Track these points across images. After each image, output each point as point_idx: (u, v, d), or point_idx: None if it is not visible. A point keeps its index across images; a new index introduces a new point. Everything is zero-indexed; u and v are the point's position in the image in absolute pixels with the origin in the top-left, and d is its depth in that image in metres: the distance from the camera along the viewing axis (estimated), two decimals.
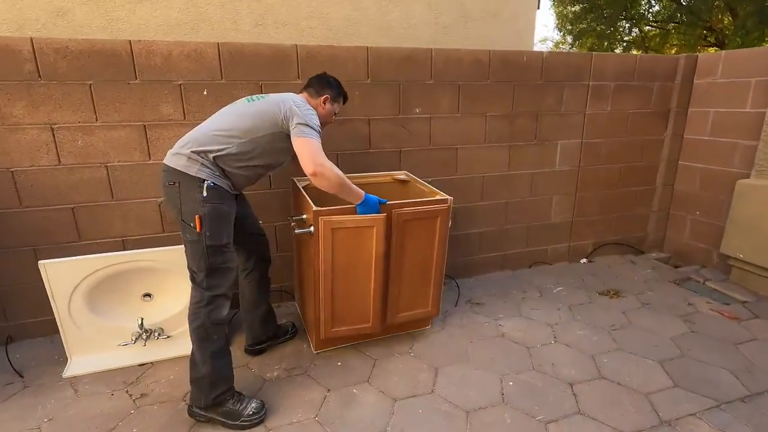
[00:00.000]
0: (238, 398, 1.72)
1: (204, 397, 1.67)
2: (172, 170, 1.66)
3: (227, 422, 1.68)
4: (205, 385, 1.66)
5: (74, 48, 2.02)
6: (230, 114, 1.78)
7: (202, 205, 1.63)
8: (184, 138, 1.73)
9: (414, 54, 2.55)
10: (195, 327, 1.66)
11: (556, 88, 2.93)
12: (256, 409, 1.71)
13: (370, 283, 2.03)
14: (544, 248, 3.26)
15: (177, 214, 1.68)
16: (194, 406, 1.71)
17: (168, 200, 1.72)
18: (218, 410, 1.68)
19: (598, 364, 2.07)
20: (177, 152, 1.68)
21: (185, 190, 1.64)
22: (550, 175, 3.10)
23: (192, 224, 1.63)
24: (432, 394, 1.87)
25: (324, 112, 1.94)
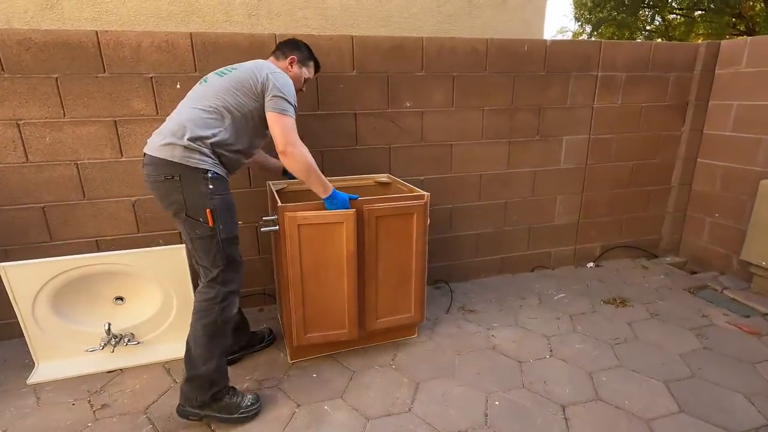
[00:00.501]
0: (233, 392, 1.69)
1: (201, 394, 1.60)
2: (167, 162, 1.52)
3: (224, 416, 1.63)
4: (204, 383, 1.60)
5: (38, 40, 1.92)
6: (208, 93, 1.63)
7: (210, 197, 1.55)
8: (169, 125, 1.57)
9: (403, 43, 2.38)
10: (205, 324, 1.60)
11: (561, 80, 2.71)
12: (252, 401, 1.70)
13: (342, 284, 1.91)
14: (546, 251, 3.06)
15: (178, 210, 1.56)
16: (187, 406, 1.62)
17: (163, 196, 1.58)
18: (214, 406, 1.63)
19: (595, 383, 1.89)
20: (170, 142, 1.53)
21: (188, 184, 1.53)
22: (553, 173, 2.89)
23: (202, 219, 1.55)
24: (409, 413, 1.72)
25: (292, 75, 1.82)
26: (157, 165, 1.54)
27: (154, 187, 1.59)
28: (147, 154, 1.58)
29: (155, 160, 1.54)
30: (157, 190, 1.59)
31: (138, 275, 2.00)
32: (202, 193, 1.55)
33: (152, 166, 1.55)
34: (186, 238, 1.63)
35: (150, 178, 1.58)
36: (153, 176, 1.56)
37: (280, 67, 1.80)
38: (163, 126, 1.60)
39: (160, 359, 2.05)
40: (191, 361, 1.61)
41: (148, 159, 1.57)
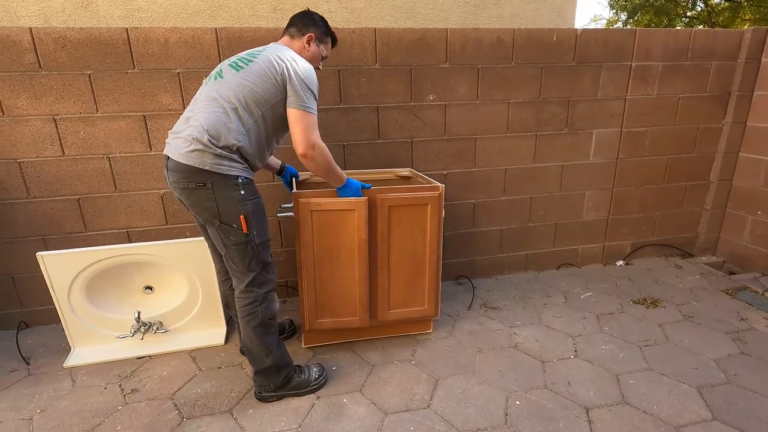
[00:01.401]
0: (300, 371, 1.80)
1: (273, 382, 1.72)
2: (197, 170, 1.47)
3: (299, 392, 1.77)
4: (272, 373, 1.71)
5: (72, 37, 1.99)
6: (226, 91, 1.52)
7: (243, 203, 1.54)
8: (192, 131, 1.48)
9: (427, 35, 2.33)
10: (254, 326, 1.64)
11: (592, 70, 2.60)
12: (318, 373, 1.83)
13: (354, 271, 1.94)
14: (574, 248, 2.96)
15: (211, 217, 1.54)
16: (263, 392, 1.74)
17: (194, 203, 1.55)
18: (288, 387, 1.75)
19: (622, 386, 1.82)
20: (197, 148, 1.46)
21: (220, 191, 1.51)
22: (582, 167, 2.79)
23: (235, 226, 1.54)
24: (427, 409, 1.71)
25: (309, 55, 1.71)
26: (186, 172, 1.49)
27: (185, 194, 1.55)
28: (172, 159, 1.51)
29: (183, 167, 1.49)
30: (188, 198, 1.55)
31: (166, 266, 2.06)
32: (234, 199, 1.52)
33: (181, 173, 1.50)
34: (219, 244, 1.61)
35: (179, 184, 1.53)
36: (183, 183, 1.52)
37: (296, 47, 1.69)
38: (185, 129, 1.51)
39: (187, 347, 2.11)
40: (254, 358, 1.70)
41: (175, 165, 1.51)
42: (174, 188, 1.58)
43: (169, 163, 1.54)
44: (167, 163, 1.55)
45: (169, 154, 1.53)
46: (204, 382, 1.88)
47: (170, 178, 1.56)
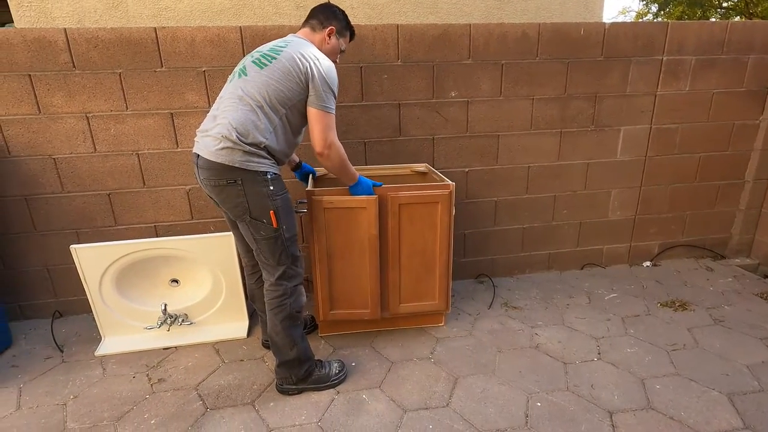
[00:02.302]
0: (320, 365, 1.84)
1: (294, 374, 1.76)
2: (227, 167, 1.50)
3: (319, 386, 1.80)
4: (295, 365, 1.75)
5: (104, 37, 2.06)
6: (251, 89, 1.53)
7: (272, 199, 1.57)
8: (221, 129, 1.51)
9: (450, 31, 2.31)
10: (282, 318, 1.69)
11: (621, 65, 2.53)
12: (339, 368, 1.87)
13: (365, 265, 2.00)
14: (598, 248, 2.89)
15: (241, 213, 1.57)
16: (284, 384, 1.78)
17: (224, 200, 1.58)
18: (308, 380, 1.78)
19: (648, 391, 1.77)
20: (227, 146, 1.49)
21: (250, 187, 1.54)
22: (609, 165, 2.72)
23: (266, 221, 1.58)
24: (446, 408, 1.71)
25: (329, 48, 1.72)
26: (216, 169, 1.52)
27: (215, 191, 1.58)
28: (202, 158, 1.55)
29: (214, 164, 1.52)
30: (218, 194, 1.58)
31: (191, 260, 2.11)
32: (264, 194, 1.55)
33: (211, 170, 1.53)
34: (249, 239, 1.64)
35: (209, 182, 1.56)
36: (213, 180, 1.55)
37: (317, 40, 1.70)
38: (213, 127, 1.54)
39: (211, 339, 2.16)
40: (279, 350, 1.74)
41: (205, 163, 1.54)
42: (205, 186, 1.61)
43: (199, 161, 1.58)
44: (197, 161, 1.59)
45: (199, 153, 1.57)
46: (227, 374, 1.93)
47: (201, 176, 1.59)
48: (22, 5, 3.22)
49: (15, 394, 1.82)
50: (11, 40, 1.99)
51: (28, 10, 3.19)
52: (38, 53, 2.02)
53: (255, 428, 1.62)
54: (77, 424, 1.66)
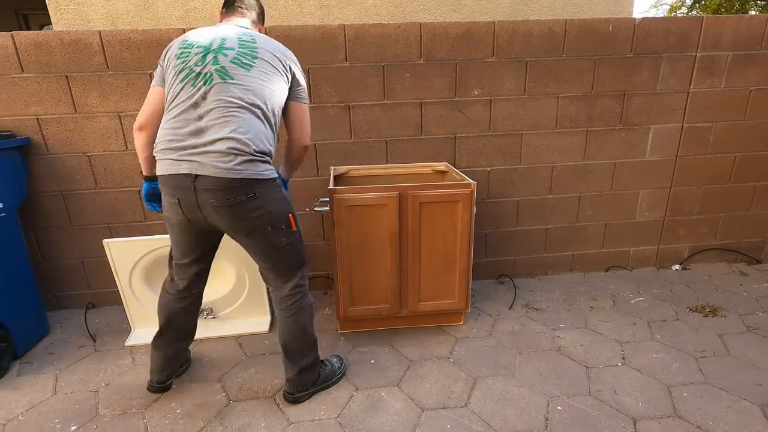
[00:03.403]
0: (323, 364, 1.83)
1: (311, 378, 1.74)
2: (247, 182, 1.41)
3: (328, 384, 1.81)
4: (313, 367, 1.74)
5: (136, 39, 2.13)
6: (247, 95, 1.41)
7: (287, 202, 1.55)
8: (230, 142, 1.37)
9: (473, 29, 2.29)
10: (305, 317, 1.66)
11: (651, 62, 2.45)
12: (339, 363, 1.90)
13: (385, 263, 2.03)
14: (624, 250, 2.82)
15: (261, 224, 1.48)
16: (297, 393, 1.72)
17: (243, 216, 1.44)
18: (318, 381, 1.78)
19: (674, 399, 1.72)
20: (244, 159, 1.39)
21: (267, 196, 1.47)
22: (637, 165, 2.64)
23: (285, 226, 1.54)
24: (465, 408, 1.70)
25: None
26: (234, 188, 1.39)
27: (234, 210, 1.43)
28: (210, 177, 1.37)
29: (231, 182, 1.38)
30: (237, 212, 1.43)
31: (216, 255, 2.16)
32: (279, 199, 1.52)
33: (227, 189, 1.39)
34: (265, 251, 1.54)
35: (227, 201, 1.41)
36: (231, 199, 1.41)
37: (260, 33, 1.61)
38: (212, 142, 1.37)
39: (234, 333, 2.22)
40: (298, 355, 1.68)
41: (216, 183, 1.38)
42: (220, 207, 1.42)
43: (201, 182, 1.38)
44: (195, 183, 1.39)
45: (202, 173, 1.37)
46: (249, 368, 1.97)
47: (207, 198, 1.40)
48: (60, 8, 3.36)
49: (52, 380, 1.91)
50: (50, 43, 2.08)
51: (65, 13, 3.33)
52: (75, 55, 2.11)
53: (276, 421, 1.65)
54: (108, 410, 1.73)
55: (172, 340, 1.75)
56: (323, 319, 2.36)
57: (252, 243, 1.54)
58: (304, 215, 2.49)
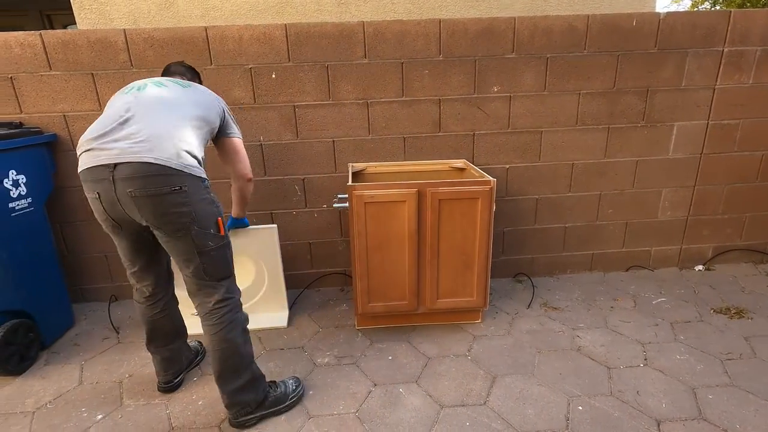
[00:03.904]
0: (275, 385, 1.70)
1: (255, 396, 1.59)
2: (174, 173, 1.33)
3: (278, 409, 1.65)
4: (252, 388, 1.59)
5: (159, 37, 2.16)
6: (181, 100, 1.48)
7: (216, 205, 1.47)
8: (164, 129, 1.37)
9: (493, 25, 2.26)
10: (239, 333, 1.54)
11: (676, 57, 2.39)
12: (295, 384, 1.74)
13: (404, 259, 2.02)
14: (646, 250, 2.77)
15: (188, 223, 1.39)
16: (241, 416, 1.58)
17: (166, 210, 1.35)
18: (266, 404, 1.63)
19: (699, 401, 1.69)
20: (170, 150, 1.34)
21: (194, 194, 1.38)
22: (660, 163, 2.59)
23: (213, 230, 1.45)
24: (484, 406, 1.70)
25: None
26: (155, 176, 1.32)
27: (155, 203, 1.34)
28: (131, 164, 1.30)
29: (154, 169, 1.31)
30: (159, 204, 1.34)
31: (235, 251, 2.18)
32: (207, 200, 1.43)
33: (147, 178, 1.31)
34: (188, 255, 1.44)
35: (146, 191, 1.32)
36: (152, 189, 1.32)
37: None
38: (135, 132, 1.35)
39: (253, 327, 2.22)
40: (233, 374, 1.54)
41: (138, 169, 1.30)
42: (129, 199, 1.34)
43: (119, 171, 1.31)
44: (114, 172, 1.32)
45: (120, 160, 1.31)
46: (268, 361, 2.00)
47: (125, 188, 1.32)
48: (84, 8, 3.43)
49: (77, 370, 1.96)
50: (77, 41, 2.13)
51: (89, 12, 3.40)
52: (100, 53, 2.15)
53: (295, 414, 1.67)
54: (132, 401, 1.77)
55: (161, 344, 1.76)
56: (340, 315, 2.37)
57: (176, 244, 1.43)
58: (321, 212, 2.50)
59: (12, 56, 2.12)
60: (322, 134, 2.37)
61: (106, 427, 1.63)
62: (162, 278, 1.69)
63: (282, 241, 2.54)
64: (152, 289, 1.67)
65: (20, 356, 1.95)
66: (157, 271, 1.67)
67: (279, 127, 2.34)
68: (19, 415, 1.70)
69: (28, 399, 1.79)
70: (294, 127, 2.34)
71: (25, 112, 2.21)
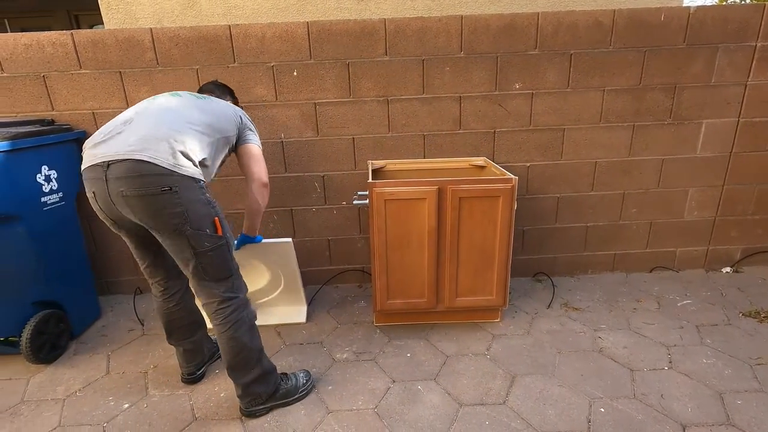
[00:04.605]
0: (286, 378, 1.73)
1: (264, 391, 1.63)
2: (162, 171, 1.32)
3: (288, 401, 1.69)
4: (262, 381, 1.62)
5: (184, 36, 2.20)
6: (188, 107, 1.52)
7: (212, 205, 1.45)
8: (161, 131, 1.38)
9: (515, 21, 2.24)
10: (243, 333, 1.54)
11: (706, 53, 2.32)
12: (306, 378, 1.77)
13: (423, 257, 2.02)
14: (671, 250, 2.70)
15: (180, 224, 1.37)
16: (252, 406, 1.63)
17: (158, 211, 1.35)
18: (277, 395, 1.67)
19: (727, 406, 1.64)
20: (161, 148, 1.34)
21: (187, 194, 1.36)
22: (687, 162, 2.52)
23: (209, 230, 1.43)
24: (503, 405, 1.69)
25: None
26: (145, 176, 1.31)
27: (147, 203, 1.34)
28: (124, 163, 1.31)
29: (144, 169, 1.30)
30: (150, 205, 1.34)
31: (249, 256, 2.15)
32: (202, 201, 1.41)
33: (137, 177, 1.31)
34: (186, 255, 1.44)
35: (137, 191, 1.32)
36: (143, 189, 1.32)
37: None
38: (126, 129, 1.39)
39: (272, 323, 2.27)
40: (243, 370, 1.57)
41: (130, 168, 1.30)
42: (122, 199, 1.35)
43: (113, 169, 1.32)
44: (107, 173, 1.33)
45: (113, 158, 1.32)
46: (288, 356, 2.02)
47: (117, 187, 1.33)
48: (111, 8, 3.52)
49: (105, 360, 2.03)
50: (106, 41, 2.19)
51: (116, 12, 3.49)
52: (127, 52, 2.21)
53: (315, 409, 1.69)
54: (157, 391, 1.82)
55: (181, 336, 1.79)
56: (358, 312, 2.38)
57: (172, 244, 1.43)
58: (341, 209, 2.52)
59: (44, 56, 2.19)
60: (342, 131, 2.38)
61: (132, 416, 1.68)
62: (173, 272, 1.70)
63: (301, 237, 2.56)
64: (165, 282, 1.70)
65: (51, 345, 2.02)
66: (167, 266, 1.68)
67: (300, 125, 2.36)
68: (51, 402, 1.77)
69: (58, 387, 1.85)
70: (314, 125, 2.36)
71: (56, 109, 2.28)
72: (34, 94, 2.24)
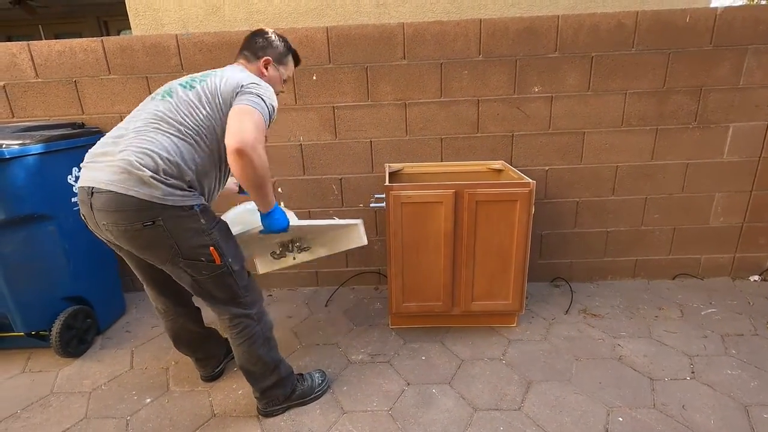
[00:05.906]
0: (302, 379, 1.75)
1: (282, 392, 1.66)
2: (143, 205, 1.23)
3: (304, 401, 1.72)
4: (280, 386, 1.64)
5: (208, 41, 2.27)
6: (178, 110, 1.33)
7: (207, 233, 1.34)
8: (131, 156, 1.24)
9: (535, 24, 2.22)
10: (258, 347, 1.53)
11: (734, 55, 2.26)
12: (321, 378, 1.79)
13: (439, 260, 2.03)
14: (695, 257, 2.63)
15: (172, 256, 1.32)
16: (269, 407, 1.66)
17: (146, 246, 1.31)
18: (293, 397, 1.69)
19: (753, 420, 1.59)
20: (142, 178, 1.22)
21: (173, 226, 1.28)
22: (713, 166, 2.45)
23: (205, 259, 1.35)
24: (518, 411, 1.67)
25: (267, 80, 1.52)
26: (126, 211, 1.24)
27: (130, 236, 1.28)
28: (106, 194, 1.24)
29: (125, 204, 1.23)
30: (136, 239, 1.29)
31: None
32: (194, 230, 1.31)
33: (118, 212, 1.25)
34: (186, 283, 1.40)
35: (118, 227, 1.26)
36: (123, 225, 1.26)
37: (252, 70, 1.52)
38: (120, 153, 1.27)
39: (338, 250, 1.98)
40: (259, 377, 1.59)
41: (108, 201, 1.23)
42: (114, 232, 1.29)
43: (95, 199, 1.26)
44: (91, 200, 1.27)
45: (96, 186, 1.25)
46: (304, 356, 2.05)
47: (101, 219, 1.28)
48: (138, 15, 3.64)
49: (128, 356, 2.10)
50: (134, 46, 2.27)
51: (143, 18, 3.61)
52: (154, 57, 2.28)
53: (330, 409, 1.71)
54: (178, 387, 1.87)
55: (191, 349, 1.80)
56: (374, 314, 2.40)
57: (169, 271, 1.39)
58: (358, 211, 2.54)
59: (76, 61, 2.28)
60: (360, 135, 2.40)
61: (154, 410, 1.74)
62: (175, 300, 1.63)
63: None
64: (165, 307, 1.65)
65: (79, 340, 2.10)
66: (167, 294, 1.59)
67: (318, 128, 2.39)
68: (78, 394, 1.84)
69: (85, 380, 1.93)
70: (333, 128, 2.39)
71: (86, 113, 2.37)
72: (65, 98, 2.34)
